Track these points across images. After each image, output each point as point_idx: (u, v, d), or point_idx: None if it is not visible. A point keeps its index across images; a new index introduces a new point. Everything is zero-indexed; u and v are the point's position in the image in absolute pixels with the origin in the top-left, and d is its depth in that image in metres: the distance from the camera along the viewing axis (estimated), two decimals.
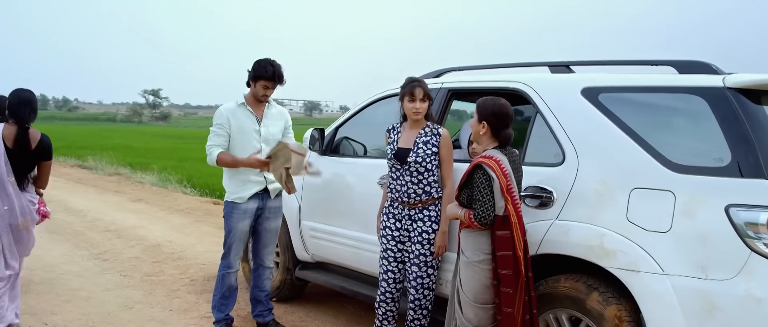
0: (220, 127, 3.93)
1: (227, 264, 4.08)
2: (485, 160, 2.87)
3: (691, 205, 2.67)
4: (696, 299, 2.62)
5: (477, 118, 3.00)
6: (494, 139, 2.99)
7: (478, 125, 2.99)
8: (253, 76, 3.92)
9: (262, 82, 3.91)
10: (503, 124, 2.95)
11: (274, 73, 3.89)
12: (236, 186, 3.98)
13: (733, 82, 2.76)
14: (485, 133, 2.98)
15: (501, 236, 2.86)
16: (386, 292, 3.62)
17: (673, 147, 2.82)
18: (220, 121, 3.94)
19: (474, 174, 2.87)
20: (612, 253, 2.85)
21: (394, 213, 3.61)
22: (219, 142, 3.94)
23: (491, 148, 2.98)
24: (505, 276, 2.85)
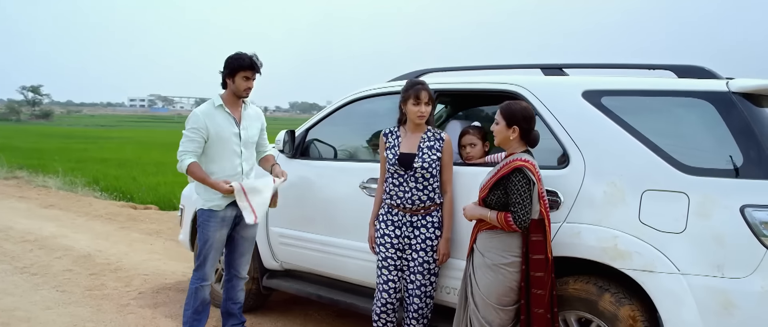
0: (195, 132, 3.63)
1: (201, 276, 3.80)
2: (525, 164, 2.83)
3: (705, 206, 2.74)
4: (713, 297, 2.69)
5: (505, 124, 2.95)
6: (523, 143, 2.96)
7: (507, 130, 2.94)
8: (230, 71, 3.66)
9: (242, 74, 3.65)
10: (531, 126, 2.94)
11: (252, 61, 3.65)
12: (213, 192, 3.70)
13: (737, 86, 2.86)
14: (515, 137, 2.94)
15: (535, 240, 2.83)
16: (387, 302, 3.49)
17: (683, 149, 2.89)
18: (196, 125, 3.64)
19: (512, 177, 2.82)
20: (627, 255, 2.88)
21: (393, 220, 3.49)
22: (192, 148, 3.64)
23: (520, 151, 2.94)
24: (537, 278, 2.83)
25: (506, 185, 2.86)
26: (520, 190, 2.80)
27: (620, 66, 3.45)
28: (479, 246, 2.99)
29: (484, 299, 2.92)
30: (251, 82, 3.70)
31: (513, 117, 2.92)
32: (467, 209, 3.06)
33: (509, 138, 2.95)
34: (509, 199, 2.84)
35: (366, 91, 4.18)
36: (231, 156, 3.71)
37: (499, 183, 2.89)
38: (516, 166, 2.83)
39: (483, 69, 3.89)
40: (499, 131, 2.99)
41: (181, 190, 12.20)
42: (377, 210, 3.63)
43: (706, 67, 3.10)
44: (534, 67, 3.65)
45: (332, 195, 4.10)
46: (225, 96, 3.74)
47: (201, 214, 3.75)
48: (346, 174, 4.05)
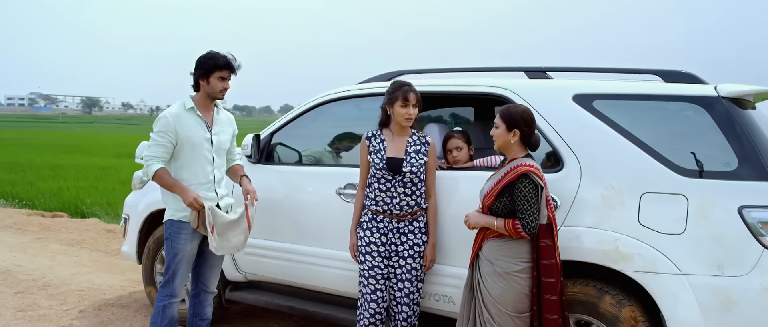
0: (162, 136, 3.35)
1: (170, 292, 3.50)
2: (531, 169, 2.78)
3: (704, 208, 2.82)
4: (714, 296, 2.78)
5: (505, 127, 2.88)
6: (524, 147, 2.91)
7: (507, 134, 2.88)
8: (205, 71, 3.40)
9: (218, 74, 3.40)
10: (532, 130, 2.89)
11: (227, 60, 3.40)
12: (182, 202, 3.41)
13: (726, 91, 2.96)
14: (516, 141, 2.88)
15: (545, 245, 2.80)
16: (376, 312, 3.36)
17: (678, 152, 2.96)
18: (164, 128, 3.35)
19: (518, 183, 2.77)
20: (629, 257, 2.92)
21: (379, 227, 3.36)
22: (159, 153, 3.36)
23: (522, 156, 2.90)
24: (548, 284, 2.80)
25: (512, 192, 2.81)
26: (528, 196, 2.76)
27: (606, 70, 3.50)
28: (487, 254, 2.92)
29: (498, 308, 2.86)
30: (228, 83, 3.46)
31: (513, 120, 2.88)
32: (471, 217, 2.98)
33: (510, 141, 2.90)
34: (516, 206, 2.79)
35: (338, 93, 4.02)
36: (202, 163, 3.44)
37: (505, 190, 2.83)
38: (522, 172, 2.78)
39: (462, 71, 3.85)
40: (499, 135, 2.93)
41: (87, 194, 11.64)
42: (358, 217, 3.49)
43: (692, 73, 3.19)
44: (517, 69, 3.64)
45: (305, 202, 3.92)
46: (197, 98, 3.47)
47: (170, 226, 3.46)
48: (321, 179, 3.88)
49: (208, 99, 3.47)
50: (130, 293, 5.24)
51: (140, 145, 4.59)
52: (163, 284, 3.50)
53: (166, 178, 3.34)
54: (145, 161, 3.38)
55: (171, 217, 3.45)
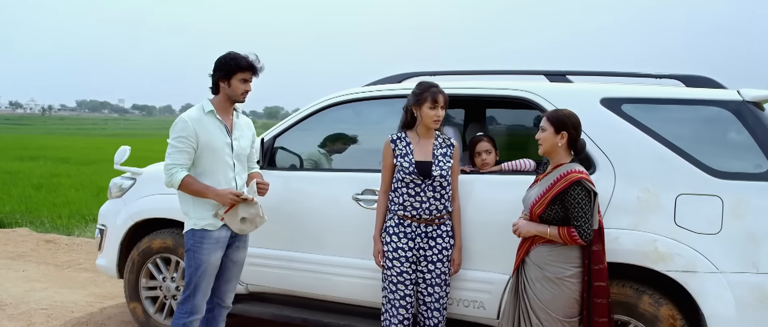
0: (183, 141, 3.12)
1: (191, 309, 3.25)
2: (583, 176, 2.78)
3: (738, 208, 2.94)
4: (751, 292, 2.90)
5: (553, 130, 2.87)
6: (570, 152, 2.91)
7: (555, 137, 2.87)
8: (227, 73, 3.18)
9: (240, 76, 3.20)
10: (579, 134, 2.90)
11: (250, 62, 3.21)
12: (207, 211, 3.19)
13: (750, 96, 3.11)
14: (563, 144, 2.88)
15: (596, 250, 2.81)
16: (405, 318, 3.28)
17: (710, 155, 3.07)
18: (185, 133, 3.12)
19: (571, 191, 2.76)
20: (668, 257, 3.00)
21: (406, 232, 3.28)
22: (182, 160, 3.13)
23: (568, 161, 2.90)
24: (598, 288, 2.81)
25: (564, 199, 2.80)
26: (582, 203, 2.76)
27: (627, 74, 3.58)
28: (535, 260, 2.90)
29: (549, 313, 2.85)
30: (249, 85, 3.26)
31: (563, 123, 2.87)
32: (521, 226, 2.94)
33: (557, 145, 2.90)
34: (571, 214, 2.78)
35: (346, 96, 3.90)
36: (224, 169, 3.23)
37: (556, 198, 2.83)
38: (574, 179, 2.78)
39: (478, 74, 3.83)
40: (546, 138, 2.92)
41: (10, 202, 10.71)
42: (382, 222, 3.40)
43: (711, 78, 3.32)
44: (537, 73, 3.66)
45: (318, 208, 3.76)
46: (216, 101, 3.25)
47: (191, 236, 3.21)
48: (335, 185, 3.75)
49: (229, 102, 3.27)
50: (100, 310, 4.87)
51: (119, 150, 4.27)
52: (183, 301, 3.25)
53: (194, 184, 3.13)
54: (166, 170, 3.13)
55: (193, 226, 3.21)
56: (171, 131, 3.16)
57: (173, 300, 4.19)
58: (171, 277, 4.18)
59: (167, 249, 4.13)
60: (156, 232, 4.20)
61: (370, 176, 3.64)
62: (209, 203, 3.20)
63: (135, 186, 4.31)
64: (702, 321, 2.99)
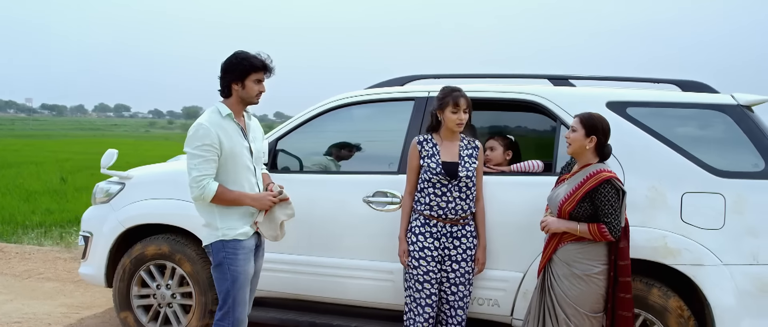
0: (209, 150, 2.97)
1: (233, 323, 3.12)
2: (613, 175, 2.91)
3: (739, 205, 3.17)
4: (752, 282, 3.13)
5: (584, 133, 2.99)
6: (596, 154, 3.03)
7: (585, 139, 2.99)
8: (240, 74, 3.07)
9: (254, 76, 3.09)
10: (607, 139, 3.02)
11: (264, 61, 3.11)
12: (236, 220, 3.09)
13: (743, 100, 3.35)
14: (591, 147, 3.00)
15: (622, 247, 2.95)
16: (430, 317, 3.33)
17: (711, 155, 3.28)
18: (209, 140, 2.97)
19: (601, 189, 2.88)
20: (677, 252, 3.19)
21: (432, 231, 3.33)
22: (210, 170, 2.99)
23: (595, 162, 3.02)
24: (623, 283, 2.95)
25: (593, 197, 2.93)
26: (612, 200, 2.90)
27: (626, 79, 3.75)
28: (563, 257, 3.02)
29: (576, 308, 2.96)
30: (263, 86, 3.18)
31: (594, 127, 3.00)
32: (551, 223, 3.04)
33: (585, 147, 3.02)
34: (601, 211, 2.91)
35: (349, 98, 3.90)
36: (247, 174, 3.14)
37: (586, 195, 2.95)
38: (604, 178, 2.91)
39: (481, 77, 3.93)
40: (575, 139, 3.03)
41: None
42: (407, 222, 3.44)
43: (705, 83, 3.55)
44: (541, 77, 3.79)
45: (327, 211, 3.74)
46: (230, 104, 3.14)
47: (222, 248, 3.07)
48: (345, 187, 3.75)
49: (242, 104, 3.16)
50: (79, 321, 4.65)
51: (106, 154, 4.10)
52: (222, 317, 3.10)
53: (227, 194, 3.01)
54: (195, 183, 2.96)
55: (222, 238, 3.07)
56: (191, 139, 2.99)
57: (168, 308, 4.06)
58: (166, 284, 4.05)
59: (162, 255, 4.00)
60: (149, 238, 4.05)
61: (381, 179, 3.67)
62: (238, 212, 3.09)
63: (124, 190, 4.15)
64: (706, 311, 3.20)
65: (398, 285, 3.57)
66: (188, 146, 3.00)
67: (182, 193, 3.95)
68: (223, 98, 3.17)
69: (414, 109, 3.76)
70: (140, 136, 53.97)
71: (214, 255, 3.08)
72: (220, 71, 3.12)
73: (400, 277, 3.55)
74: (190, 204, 3.87)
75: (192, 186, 2.97)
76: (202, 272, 3.93)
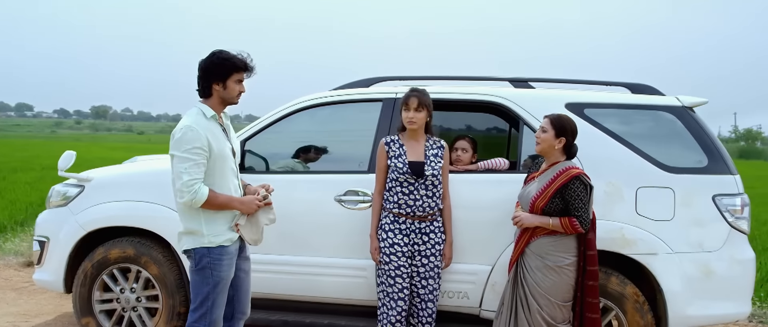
0: (198, 153, 2.93)
1: (209, 325, 3.09)
2: (581, 172, 3.11)
3: (687, 198, 3.47)
4: (698, 267, 3.45)
5: (554, 134, 3.18)
6: (564, 153, 3.23)
7: (554, 140, 3.18)
8: (222, 74, 3.05)
9: (236, 77, 3.08)
10: (574, 139, 3.23)
11: (245, 61, 3.10)
12: (221, 225, 3.06)
13: (688, 101, 3.66)
14: (560, 147, 3.20)
15: (590, 238, 3.16)
16: (403, 310, 3.44)
17: (661, 152, 3.57)
18: (199, 143, 2.92)
19: (571, 185, 3.08)
20: (633, 242, 3.46)
21: (402, 228, 3.46)
22: (200, 174, 2.94)
23: (563, 160, 3.22)
24: (591, 272, 3.17)
25: (564, 193, 3.13)
26: (581, 195, 3.11)
27: (581, 82, 3.99)
28: (536, 250, 3.20)
29: (548, 298, 3.15)
30: (244, 86, 3.18)
31: (563, 129, 3.20)
32: (524, 218, 3.21)
33: (554, 147, 3.22)
34: (571, 205, 3.11)
35: (317, 100, 3.96)
36: (231, 176, 3.14)
37: (557, 191, 3.15)
38: (574, 174, 3.12)
39: (444, 79, 4.07)
40: (545, 139, 3.22)
41: None
42: (378, 220, 3.55)
43: (652, 86, 3.84)
44: (502, 79, 3.98)
45: (299, 211, 3.78)
46: (212, 105, 3.11)
47: (207, 254, 3.03)
48: (317, 187, 3.81)
49: (222, 105, 3.15)
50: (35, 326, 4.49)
51: (64, 156, 3.98)
52: (198, 319, 3.07)
53: (217, 198, 2.98)
54: (187, 187, 2.90)
55: (208, 244, 3.03)
56: (179, 142, 2.93)
57: (133, 311, 4.00)
58: (130, 288, 3.98)
59: (127, 259, 3.92)
60: (112, 242, 3.97)
61: (352, 178, 3.76)
62: (223, 217, 3.07)
63: (84, 193, 4.04)
64: (659, 296, 3.48)
65: (371, 281, 3.67)
66: (176, 150, 2.93)
67: (148, 195, 3.93)
68: (202, 99, 3.13)
69: (382, 109, 3.87)
70: (47, 137, 51.42)
71: (197, 260, 3.05)
72: (199, 71, 3.07)
73: (372, 274, 3.65)
74: (157, 206, 3.90)
75: (182, 191, 2.90)
76: (170, 274, 3.90)
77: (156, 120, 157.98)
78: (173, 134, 2.96)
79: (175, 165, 2.94)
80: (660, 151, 3.59)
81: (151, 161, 4.52)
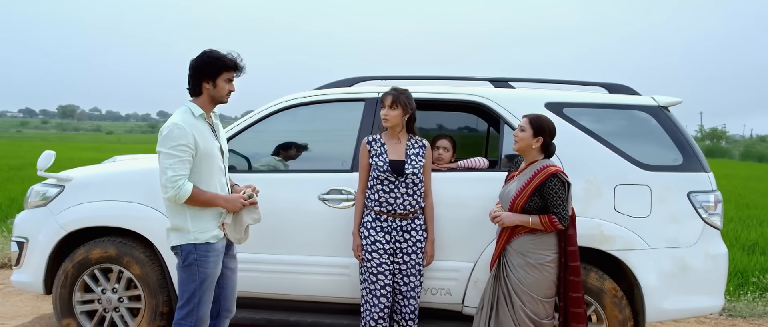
0: (183, 150, 2.96)
1: (195, 323, 3.11)
2: (558, 170, 3.18)
3: (663, 195, 3.57)
4: (674, 262, 3.55)
5: (532, 133, 3.24)
6: (542, 152, 3.30)
7: (532, 139, 3.25)
8: (213, 73, 3.07)
9: (226, 75, 3.11)
10: (552, 138, 3.30)
11: (235, 60, 3.13)
12: (208, 222, 3.09)
13: (663, 101, 3.77)
14: (538, 147, 3.27)
15: (570, 234, 3.24)
16: (385, 307, 3.48)
17: (637, 150, 3.66)
18: (185, 141, 2.96)
19: (549, 183, 3.15)
20: (611, 239, 3.55)
21: (383, 226, 3.51)
22: (185, 171, 2.97)
23: (541, 159, 3.29)
24: (572, 267, 3.24)
25: (542, 191, 3.20)
26: (559, 192, 3.18)
27: (559, 81, 4.08)
28: (518, 248, 3.26)
29: (531, 295, 3.22)
30: (233, 85, 3.21)
31: (541, 128, 3.27)
32: (505, 217, 3.26)
33: (532, 146, 3.29)
34: (549, 203, 3.18)
35: (299, 99, 3.98)
36: (218, 175, 3.16)
37: (536, 190, 3.22)
38: (551, 172, 3.19)
39: (425, 79, 4.12)
40: (523, 138, 3.28)
41: None
42: (360, 218, 3.59)
43: (629, 86, 3.94)
44: (482, 79, 4.05)
45: (283, 209, 3.80)
46: (201, 103, 3.14)
47: (193, 251, 3.06)
48: (301, 186, 3.83)
49: (212, 103, 3.17)
50: None
51: (43, 155, 3.93)
52: (185, 315, 3.09)
53: (202, 195, 3.01)
54: (171, 183, 2.92)
55: (194, 241, 3.06)
56: (166, 139, 2.96)
57: (115, 312, 3.97)
58: (112, 288, 3.96)
59: (109, 259, 3.90)
60: (93, 242, 3.95)
61: (335, 177, 3.79)
62: (209, 214, 3.09)
63: (64, 193, 4.00)
64: (636, 290, 3.58)
65: (354, 279, 3.71)
66: (162, 146, 2.96)
67: (131, 195, 3.91)
68: (192, 97, 3.15)
69: (365, 109, 3.90)
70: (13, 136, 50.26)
71: (184, 256, 3.07)
72: (189, 69, 3.10)
73: (355, 272, 3.68)
74: (140, 206, 3.88)
75: (167, 186, 2.94)
76: (152, 274, 3.89)
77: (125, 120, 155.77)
78: (161, 131, 2.99)
79: (160, 161, 2.98)
80: (637, 149, 3.68)
81: (131, 161, 4.49)
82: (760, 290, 5.78)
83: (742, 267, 6.36)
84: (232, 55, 3.14)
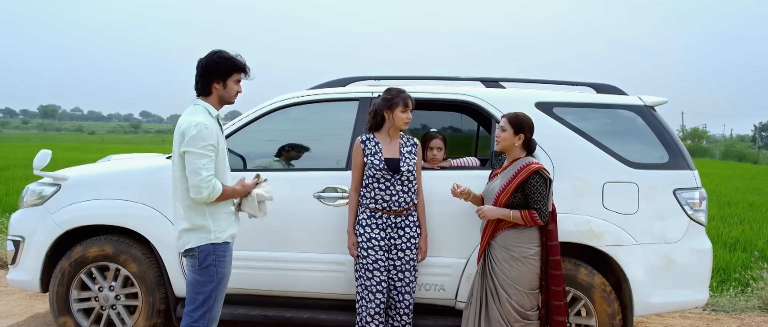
0: (211, 150, 3.00)
1: (208, 323, 3.16)
2: (541, 167, 3.28)
3: (650, 192, 3.68)
4: (660, 258, 3.66)
5: (513, 132, 3.34)
6: (524, 149, 3.40)
7: (514, 137, 3.34)
8: (223, 74, 3.12)
9: (236, 77, 3.16)
10: (532, 135, 3.40)
11: (244, 62, 3.19)
12: (224, 221, 3.14)
13: (649, 101, 3.88)
14: (520, 144, 3.36)
15: (551, 229, 3.33)
16: (381, 303, 3.55)
17: (625, 149, 3.77)
18: (212, 140, 3.00)
19: (531, 179, 3.25)
20: (600, 235, 3.65)
21: (378, 223, 3.58)
22: (214, 170, 3.04)
23: (524, 156, 3.38)
24: (554, 261, 3.34)
25: (524, 187, 3.29)
26: (540, 189, 3.27)
27: (548, 82, 4.17)
28: (502, 243, 3.35)
29: (516, 288, 3.31)
30: (241, 87, 3.26)
31: (521, 126, 3.37)
32: (487, 211, 3.36)
33: (514, 144, 3.38)
34: (531, 198, 3.27)
35: (294, 98, 4.04)
36: (228, 172, 3.26)
37: (519, 186, 3.31)
38: (533, 169, 3.28)
39: (417, 79, 4.20)
40: (505, 138, 3.38)
41: None
42: (355, 216, 3.66)
43: (615, 86, 4.04)
44: (474, 79, 4.13)
45: (280, 207, 3.82)
46: (215, 102, 3.18)
47: (213, 251, 3.09)
48: (296, 184, 3.89)
49: (220, 104, 3.21)
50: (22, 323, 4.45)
51: (39, 155, 3.96)
52: (201, 315, 3.12)
53: (226, 190, 3.07)
54: (205, 183, 2.95)
55: (214, 240, 3.09)
56: (195, 139, 2.96)
57: (112, 310, 4.01)
58: (109, 286, 4.00)
59: (106, 257, 3.94)
60: (91, 240, 3.98)
61: (330, 175, 3.86)
62: (223, 213, 3.14)
63: (60, 192, 4.03)
64: (624, 285, 3.69)
65: (350, 275, 3.78)
66: (193, 146, 2.96)
67: (128, 193, 3.96)
68: (199, 96, 3.17)
69: (359, 108, 3.97)
70: None
71: (202, 257, 3.08)
72: (199, 70, 3.13)
73: (351, 268, 3.75)
74: (138, 204, 3.93)
75: (202, 186, 2.95)
76: (149, 272, 3.93)
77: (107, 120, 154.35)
78: (186, 130, 2.98)
79: (191, 161, 2.96)
80: (624, 147, 3.78)
81: (127, 160, 4.53)
82: (742, 286, 5.93)
83: (724, 264, 6.50)
84: (241, 58, 3.20)
